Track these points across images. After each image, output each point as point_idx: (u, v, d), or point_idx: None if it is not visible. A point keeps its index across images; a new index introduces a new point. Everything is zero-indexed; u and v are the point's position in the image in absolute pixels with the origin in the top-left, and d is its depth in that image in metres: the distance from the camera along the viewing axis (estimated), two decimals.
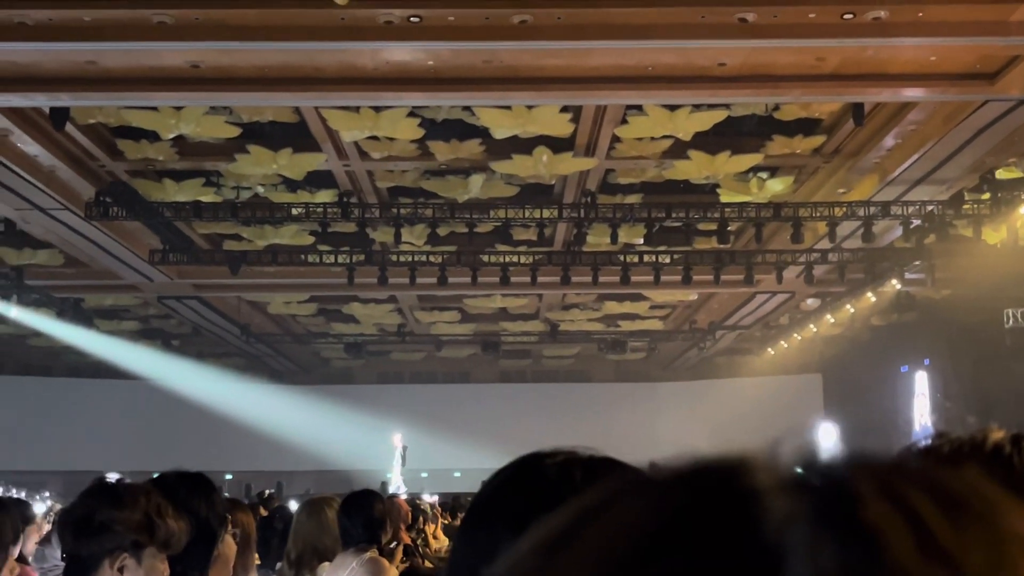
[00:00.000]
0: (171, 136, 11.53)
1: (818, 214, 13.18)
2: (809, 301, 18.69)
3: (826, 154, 12.48)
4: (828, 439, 19.50)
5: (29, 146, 11.38)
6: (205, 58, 8.99)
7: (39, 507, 9.92)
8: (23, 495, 11.74)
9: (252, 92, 9.72)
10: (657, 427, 23.45)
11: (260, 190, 13.55)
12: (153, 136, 11.67)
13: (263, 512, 7.90)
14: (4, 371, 24.79)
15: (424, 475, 22.00)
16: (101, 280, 17.27)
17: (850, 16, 8.29)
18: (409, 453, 19.91)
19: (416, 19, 8.26)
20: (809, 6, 8.26)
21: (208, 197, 13.45)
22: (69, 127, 11.03)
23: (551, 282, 16.19)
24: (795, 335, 20.47)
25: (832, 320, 18.25)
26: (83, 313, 18.98)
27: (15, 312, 17.24)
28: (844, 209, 13.09)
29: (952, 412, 18.50)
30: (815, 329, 19.35)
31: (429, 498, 13.12)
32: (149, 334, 22.18)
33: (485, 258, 15.34)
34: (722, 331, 21.22)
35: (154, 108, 10.72)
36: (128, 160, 12.48)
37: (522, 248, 15.44)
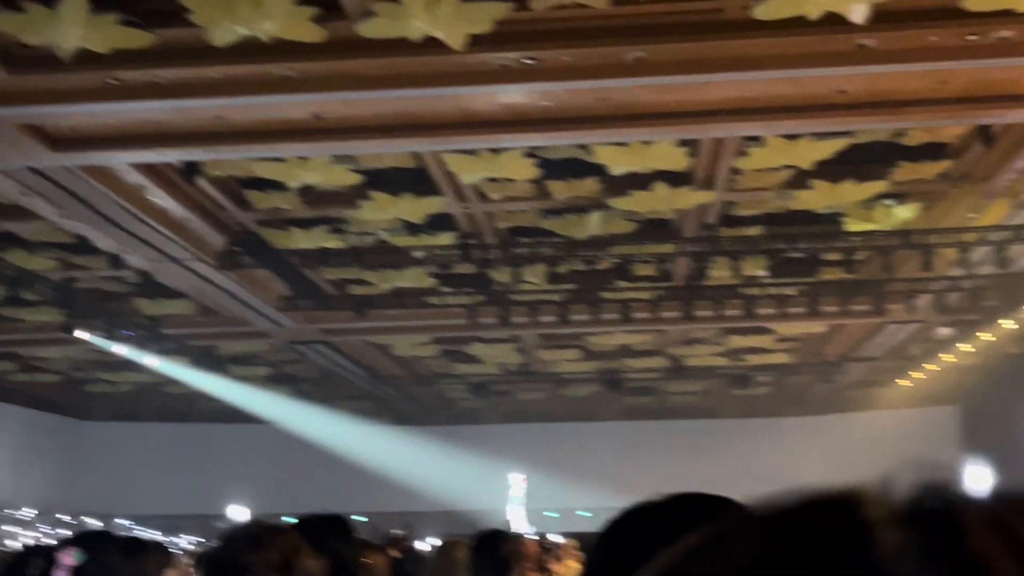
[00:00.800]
0: (297, 185, 11.84)
1: (948, 240, 12.82)
2: (942, 330, 18.11)
3: (954, 178, 12.14)
4: (973, 474, 18.81)
5: (163, 200, 11.83)
6: (327, 109, 9.23)
7: (177, 549, 10.20)
8: (160, 537, 12.10)
9: (373, 140, 9.93)
10: (786, 463, 22.92)
11: (383, 235, 13.80)
12: (280, 186, 12.00)
13: (394, 553, 7.99)
14: (141, 418, 25.66)
15: (555, 515, 21.92)
16: (233, 328, 17.76)
17: (974, 37, 8.08)
18: (534, 492, 19.88)
19: (531, 61, 8.35)
20: (930, 29, 8.08)
21: (333, 243, 13.76)
22: (200, 180, 11.43)
23: (673, 317, 16.05)
24: (929, 366, 19.85)
25: (967, 349, 17.66)
26: (217, 360, 19.56)
27: (152, 361, 17.88)
28: (975, 234, 12.69)
29: None
30: (950, 359, 18.74)
31: (557, 538, 13.07)
32: (280, 379, 22.70)
33: (605, 295, 15.31)
34: (852, 363, 20.71)
35: (280, 159, 11.03)
36: (256, 210, 12.86)
37: (643, 284, 15.36)
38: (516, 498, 20.21)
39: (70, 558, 3.14)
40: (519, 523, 18.32)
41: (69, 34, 7.74)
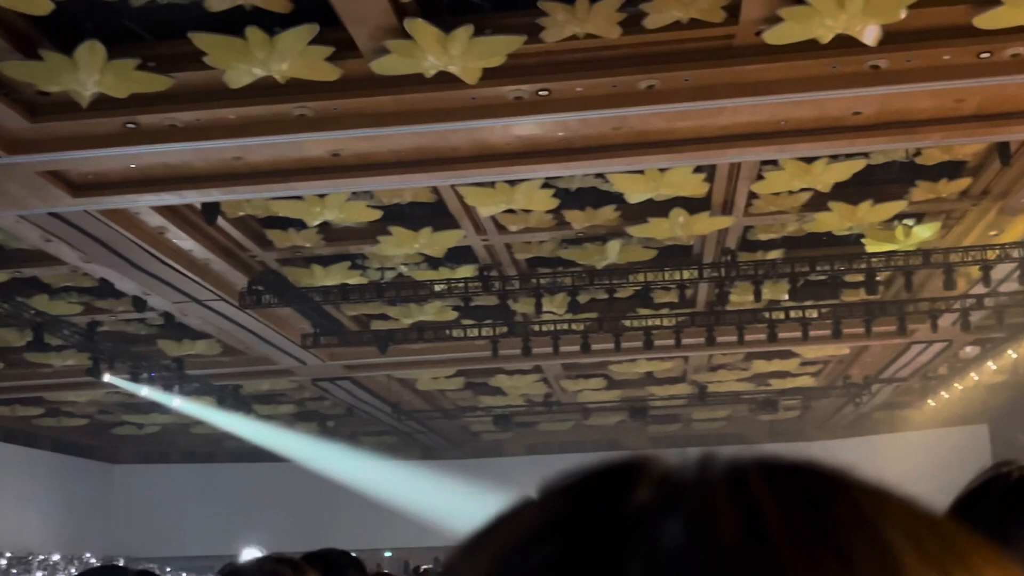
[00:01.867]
0: (316, 223, 11.91)
1: (970, 258, 12.75)
2: (968, 349, 17.98)
3: (974, 196, 12.09)
4: None
5: (184, 241, 11.92)
6: (345, 146, 9.30)
7: None
8: None
9: (391, 176, 9.99)
10: None
11: (403, 269, 13.84)
12: (299, 224, 12.07)
13: None
14: (169, 459, 25.74)
15: None
16: (257, 366, 17.82)
17: (987, 55, 8.07)
18: None
19: (545, 92, 8.39)
20: (943, 48, 8.08)
21: (354, 280, 13.81)
22: (220, 221, 11.51)
23: (696, 344, 16.01)
24: (956, 385, 19.69)
25: (994, 367, 17.51)
26: (242, 399, 19.61)
27: (178, 402, 17.94)
28: (997, 251, 12.62)
29: None
30: (976, 378, 18.59)
31: None
32: (305, 416, 22.73)
33: (627, 323, 15.28)
34: (878, 384, 20.57)
35: (299, 197, 11.10)
36: (277, 249, 12.93)
37: (664, 311, 15.33)
38: None
39: None
40: None
41: (87, 80, 7.84)
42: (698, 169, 10.80)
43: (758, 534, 0.38)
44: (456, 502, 23.70)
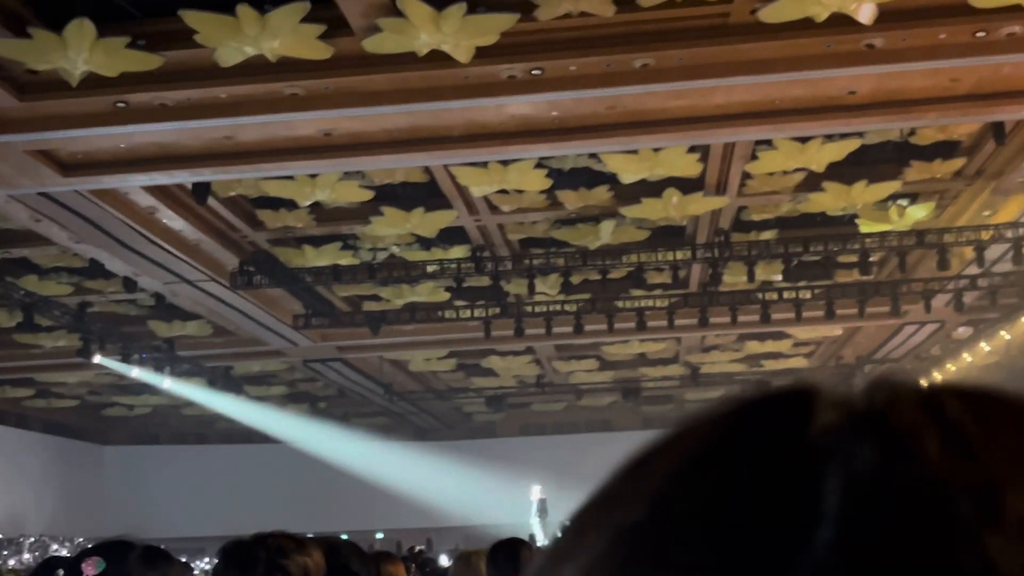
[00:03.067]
0: (308, 203, 11.85)
1: (964, 239, 12.74)
2: (961, 330, 18.00)
3: (968, 176, 12.06)
4: None
5: (174, 222, 11.85)
6: (336, 126, 9.23)
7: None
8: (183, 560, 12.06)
9: (383, 155, 9.92)
10: None
11: (395, 250, 13.79)
12: (291, 204, 12.01)
13: (414, 569, 7.95)
14: (160, 441, 25.71)
15: None
16: (248, 347, 17.78)
17: (983, 34, 8.02)
18: (555, 504, 19.82)
19: (538, 71, 8.33)
20: (939, 27, 8.03)
21: (346, 260, 13.75)
22: (211, 201, 11.44)
23: (689, 324, 15.99)
24: (949, 366, 19.72)
25: (987, 348, 17.54)
26: (233, 381, 19.57)
27: (169, 383, 17.90)
28: (991, 232, 12.61)
29: None
30: (970, 359, 18.62)
31: None
32: (297, 398, 22.71)
33: (620, 304, 15.26)
34: (871, 365, 20.60)
35: (290, 177, 11.04)
36: (268, 229, 12.87)
37: (657, 292, 15.31)
38: (536, 510, 20.14)
39: (92, 568, 3.12)
40: (540, 536, 18.25)
41: (76, 59, 7.75)
42: (692, 149, 10.76)
43: (963, 451, 0.38)
44: (449, 483, 23.75)
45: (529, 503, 20.17)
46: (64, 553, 19.76)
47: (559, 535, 0.44)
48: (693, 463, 0.40)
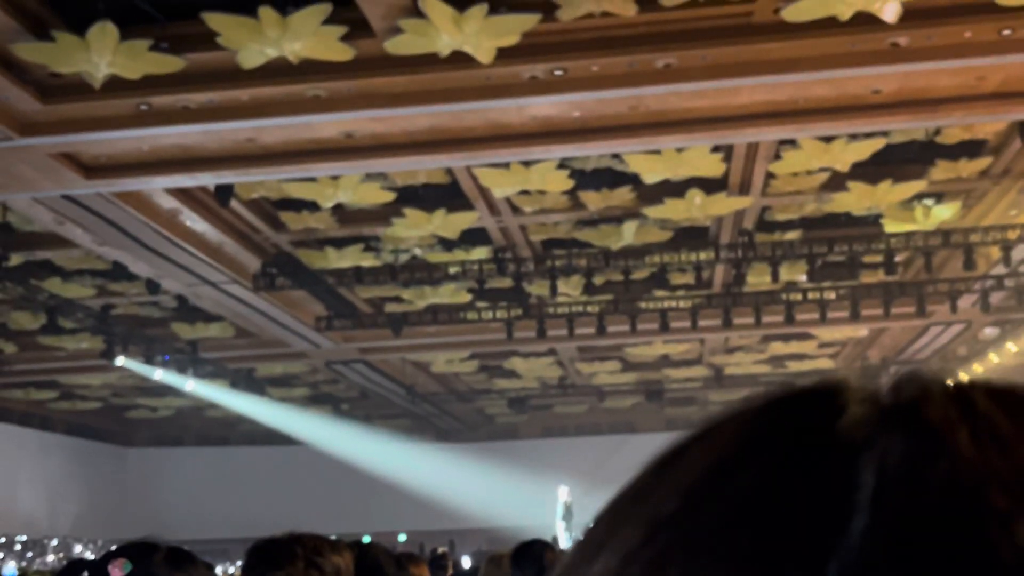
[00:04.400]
0: (330, 205, 11.85)
1: (990, 238, 12.64)
2: (987, 330, 17.85)
3: (994, 176, 11.96)
4: None
5: (197, 224, 11.88)
6: (358, 127, 9.23)
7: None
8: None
9: (405, 156, 9.91)
10: None
11: (417, 252, 13.79)
12: (313, 206, 12.02)
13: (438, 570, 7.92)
14: (183, 443, 25.80)
15: None
16: (271, 349, 17.81)
17: (1008, 32, 7.94)
18: (578, 506, 19.77)
19: (560, 72, 8.30)
20: (964, 25, 7.95)
21: (368, 262, 13.76)
22: (233, 203, 11.46)
23: (712, 325, 15.92)
24: (976, 366, 19.56)
25: (1015, 349, 17.38)
26: (256, 382, 19.62)
27: (191, 385, 17.96)
28: (1018, 231, 12.50)
29: None
30: (997, 359, 18.46)
31: None
32: (319, 399, 22.75)
33: (643, 305, 15.21)
34: (896, 366, 20.45)
35: (312, 179, 11.05)
36: (290, 231, 12.88)
37: (680, 292, 15.24)
38: (560, 512, 20.10)
39: (119, 570, 3.11)
40: (564, 538, 18.20)
41: (99, 62, 7.78)
42: (715, 149, 10.70)
43: (996, 443, 0.38)
44: (471, 485, 23.72)
45: (555, 504, 20.12)
46: (88, 555, 19.88)
47: (590, 528, 0.45)
48: (727, 456, 0.40)
